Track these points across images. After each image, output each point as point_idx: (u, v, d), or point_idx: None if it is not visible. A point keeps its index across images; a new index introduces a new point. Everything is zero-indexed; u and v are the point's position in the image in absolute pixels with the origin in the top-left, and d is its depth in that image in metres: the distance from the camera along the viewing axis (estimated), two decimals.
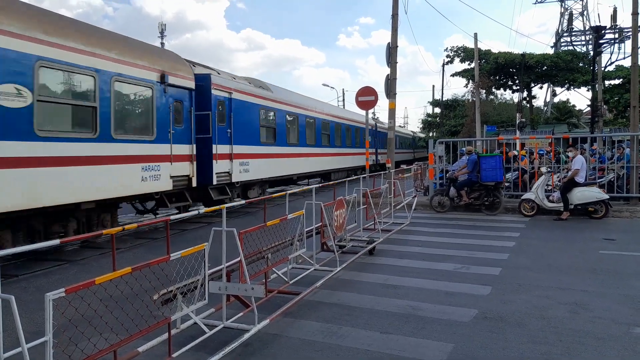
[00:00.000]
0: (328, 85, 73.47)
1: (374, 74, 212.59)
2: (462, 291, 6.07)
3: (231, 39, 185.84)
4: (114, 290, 3.67)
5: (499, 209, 12.60)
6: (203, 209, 5.28)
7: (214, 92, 12.17)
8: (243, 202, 6.77)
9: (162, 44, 40.86)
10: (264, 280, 5.68)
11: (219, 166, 12.25)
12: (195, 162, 11.20)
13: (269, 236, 5.86)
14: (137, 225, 4.54)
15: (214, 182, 12.02)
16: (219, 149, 12.25)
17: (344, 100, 49.79)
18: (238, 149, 13.26)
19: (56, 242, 3.48)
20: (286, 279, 6.25)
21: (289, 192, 6.78)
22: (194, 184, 11.21)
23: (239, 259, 4.88)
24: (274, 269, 6.08)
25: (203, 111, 11.88)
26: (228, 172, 12.74)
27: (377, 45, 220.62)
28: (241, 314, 4.98)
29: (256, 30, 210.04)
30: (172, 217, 4.55)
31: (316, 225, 7.34)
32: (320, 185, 9.62)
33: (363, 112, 16.77)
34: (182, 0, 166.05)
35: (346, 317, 5.21)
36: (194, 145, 11.23)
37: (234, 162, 12.97)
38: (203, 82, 11.96)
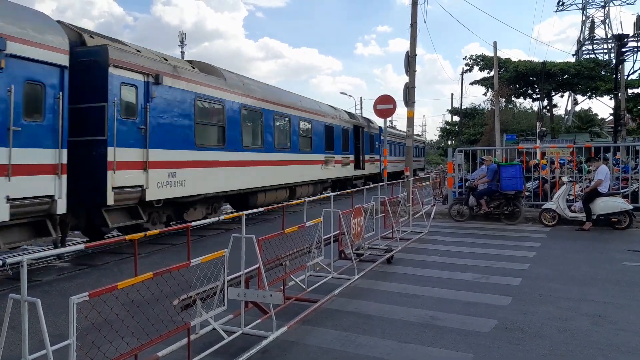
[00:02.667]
0: (346, 94, 74.41)
1: (391, 82, 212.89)
2: (482, 301, 6.00)
3: (249, 48, 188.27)
4: (136, 295, 3.68)
5: (518, 219, 12.44)
6: (223, 216, 5.19)
7: (114, 72, 8.56)
8: (262, 209, 6.48)
9: (182, 52, 41.49)
10: (282, 288, 5.71)
11: (119, 178, 8.60)
12: (65, 175, 7.61)
13: (287, 243, 5.80)
14: (160, 231, 4.67)
15: (110, 202, 8.44)
16: (119, 154, 8.59)
17: (361, 108, 49.77)
18: (160, 154, 9.63)
19: (80, 246, 3.52)
20: (304, 287, 6.23)
21: (306, 200, 6.77)
22: (59, 209, 7.51)
23: (257, 265, 4.90)
24: (291, 276, 6.07)
25: (93, 101, 8.47)
26: (140, 187, 9.17)
27: (394, 53, 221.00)
28: (259, 320, 4.99)
29: (274, 39, 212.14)
30: (193, 224, 4.57)
31: (334, 233, 7.31)
32: (339, 193, 9.53)
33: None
34: (201, 10, 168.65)
35: (364, 326, 5.19)
36: (64, 150, 7.63)
37: (150, 172, 9.34)
38: (94, 57, 8.49)
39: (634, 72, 29.63)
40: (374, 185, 10.99)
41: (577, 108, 42.55)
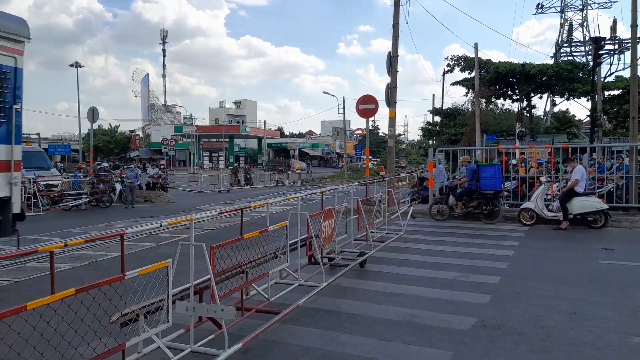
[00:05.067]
0: (329, 93, 74.14)
1: (373, 82, 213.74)
2: (462, 299, 6.08)
3: (231, 46, 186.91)
4: (54, 317, 3.17)
5: (497, 218, 12.63)
6: (166, 221, 4.62)
7: None
8: (215, 213, 5.97)
9: (164, 50, 41.07)
10: (240, 299, 5.24)
11: None
12: None
13: (249, 249, 5.26)
14: (85, 240, 3.93)
15: None
16: None
17: (344, 108, 49.96)
18: None
19: None
20: (266, 296, 5.67)
21: (269, 201, 6.23)
22: None
23: (209, 276, 4.38)
24: (253, 284, 5.49)
25: None
26: None
27: (377, 53, 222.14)
28: (213, 335, 4.51)
29: (256, 38, 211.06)
30: (127, 232, 4.10)
31: (301, 237, 6.54)
32: (309, 194, 9.12)
33: None
34: (182, 7, 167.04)
35: (345, 324, 5.22)
36: None
37: None
38: None
39: (611, 74, 30.24)
40: (348, 185, 10.26)
41: (556, 109, 43.30)
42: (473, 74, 30.52)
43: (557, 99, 39.73)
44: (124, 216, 15.39)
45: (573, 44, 49.64)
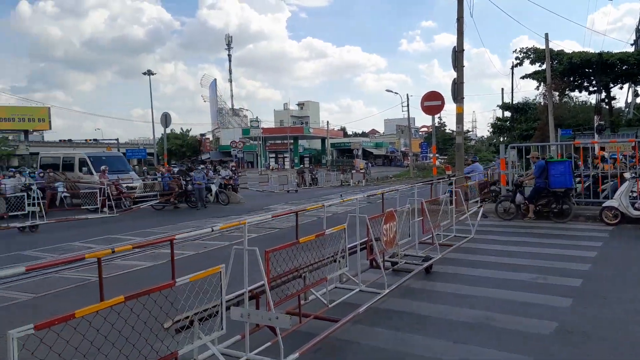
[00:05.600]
0: (392, 91, 72.88)
1: (437, 77, 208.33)
2: (541, 302, 5.80)
3: (293, 48, 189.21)
4: (102, 324, 3.11)
5: (568, 217, 11.95)
6: (218, 225, 4.49)
7: None
8: (269, 216, 5.81)
9: (229, 55, 42.36)
10: (299, 303, 5.04)
11: None
12: None
13: (306, 253, 5.06)
14: (132, 246, 3.86)
15: None
16: None
17: (408, 105, 49.05)
18: None
19: (21, 269, 2.84)
20: (325, 302, 5.45)
21: (326, 204, 6.05)
22: None
23: (265, 281, 4.23)
24: (312, 290, 5.30)
25: None
26: None
27: (440, 48, 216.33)
28: (269, 343, 4.34)
29: (317, 39, 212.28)
30: (177, 237, 4.03)
31: (362, 241, 6.34)
32: (368, 195, 8.97)
33: None
34: (245, 12, 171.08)
35: (417, 326, 5.15)
36: None
37: None
38: None
39: None
40: (411, 185, 9.97)
41: (639, 100, 40.26)
42: (544, 66, 29.03)
43: None
44: (196, 216, 16.02)
45: None
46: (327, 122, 73.26)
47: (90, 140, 62.61)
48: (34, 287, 7.20)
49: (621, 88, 37.67)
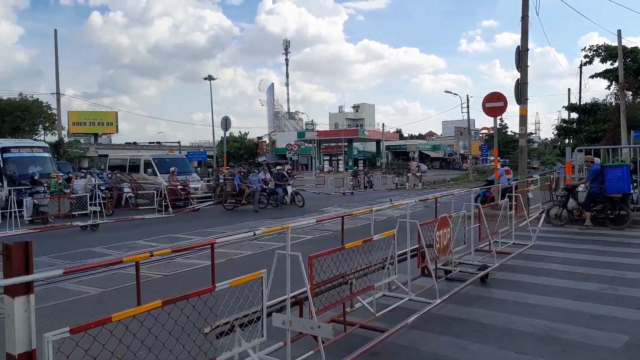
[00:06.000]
0: (451, 92, 71.13)
1: (499, 78, 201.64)
2: (609, 314, 5.49)
3: (349, 51, 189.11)
4: (139, 328, 3.07)
5: (626, 224, 11.28)
6: (260, 230, 4.38)
7: None
8: (313, 220, 5.64)
9: (287, 60, 43.00)
10: (343, 311, 4.88)
11: None
12: None
13: (352, 259, 4.87)
14: (171, 250, 3.80)
15: None
16: None
17: (468, 106, 47.77)
18: None
19: (59, 272, 2.86)
20: (372, 310, 5.22)
21: (374, 208, 5.78)
22: None
23: (308, 288, 4.12)
24: (358, 297, 5.10)
25: None
26: None
27: (502, 48, 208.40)
28: (312, 352, 4.17)
29: (374, 41, 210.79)
30: (218, 240, 3.92)
31: (412, 248, 6.15)
32: (419, 200, 8.78)
33: None
34: (303, 16, 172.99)
35: (476, 334, 5.00)
36: None
37: None
38: None
39: None
40: (467, 190, 9.58)
41: None
42: (616, 64, 27.43)
43: None
44: (254, 217, 16.36)
45: None
46: (383, 124, 72.78)
47: (153, 142, 65.53)
48: (102, 282, 7.61)
49: None
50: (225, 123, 27.96)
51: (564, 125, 42.22)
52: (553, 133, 57.33)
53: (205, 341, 3.49)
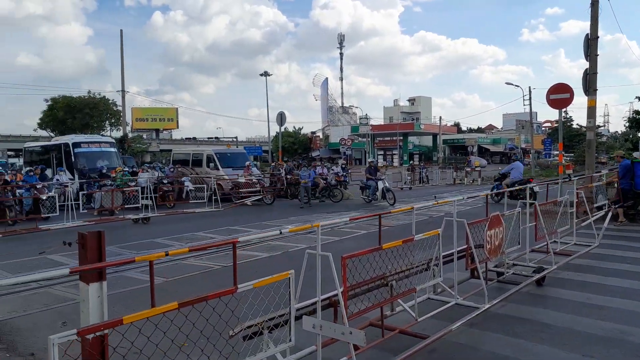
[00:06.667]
0: (512, 84, 68.31)
1: (563, 68, 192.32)
2: None
3: (405, 43, 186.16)
4: (152, 330, 2.89)
5: None
6: (287, 229, 4.19)
7: None
8: (346, 219, 5.38)
9: (341, 54, 42.85)
10: (381, 315, 4.60)
11: None
12: None
13: (391, 260, 4.55)
14: (189, 249, 3.58)
15: None
16: None
17: (530, 98, 45.75)
18: None
19: (65, 271, 2.77)
20: (413, 314, 4.87)
21: (415, 206, 5.43)
22: None
23: (341, 290, 3.85)
24: (399, 300, 4.76)
25: None
26: None
27: (567, 36, 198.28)
28: (345, 358, 3.91)
29: (430, 32, 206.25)
30: (240, 239, 3.66)
31: (459, 248, 5.57)
32: (468, 197, 8.30)
33: None
34: (358, 10, 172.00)
35: (540, 334, 4.79)
36: None
37: None
38: None
39: None
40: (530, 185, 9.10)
41: None
42: None
43: None
44: (306, 212, 16.47)
45: None
46: (440, 117, 71.15)
47: (212, 138, 67.48)
48: (166, 271, 7.91)
49: None
50: (281, 118, 28.35)
51: (637, 116, 39.61)
52: (625, 125, 53.95)
53: (226, 345, 3.34)
